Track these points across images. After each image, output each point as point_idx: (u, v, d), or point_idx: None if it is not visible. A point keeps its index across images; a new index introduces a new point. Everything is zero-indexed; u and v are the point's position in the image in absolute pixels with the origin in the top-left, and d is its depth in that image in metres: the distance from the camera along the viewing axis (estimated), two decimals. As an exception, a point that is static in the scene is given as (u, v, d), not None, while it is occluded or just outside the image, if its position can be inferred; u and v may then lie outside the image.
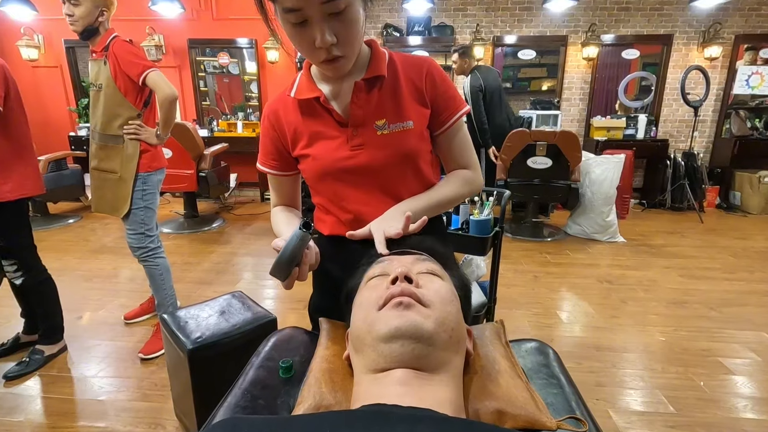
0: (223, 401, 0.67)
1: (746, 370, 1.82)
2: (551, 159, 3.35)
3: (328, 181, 0.84)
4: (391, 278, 0.54)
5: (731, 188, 4.69)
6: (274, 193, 0.96)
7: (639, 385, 1.75)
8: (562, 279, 2.80)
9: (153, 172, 1.89)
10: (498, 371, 0.56)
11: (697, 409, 1.60)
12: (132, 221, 1.88)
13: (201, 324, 1.37)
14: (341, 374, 0.57)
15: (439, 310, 0.51)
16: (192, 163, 3.54)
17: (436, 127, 0.86)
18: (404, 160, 0.82)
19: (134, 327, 2.18)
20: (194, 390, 1.27)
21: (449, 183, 0.88)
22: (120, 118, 1.80)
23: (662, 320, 2.26)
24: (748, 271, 2.93)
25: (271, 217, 0.95)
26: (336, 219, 0.89)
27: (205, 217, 4.17)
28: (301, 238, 0.62)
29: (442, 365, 0.49)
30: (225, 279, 2.79)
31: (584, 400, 0.67)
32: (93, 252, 3.26)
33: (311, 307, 0.97)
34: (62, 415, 1.57)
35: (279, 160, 0.89)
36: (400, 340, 0.47)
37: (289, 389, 0.69)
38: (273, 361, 0.76)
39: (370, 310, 0.53)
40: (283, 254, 0.62)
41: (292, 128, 0.84)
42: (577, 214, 3.67)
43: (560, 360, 0.78)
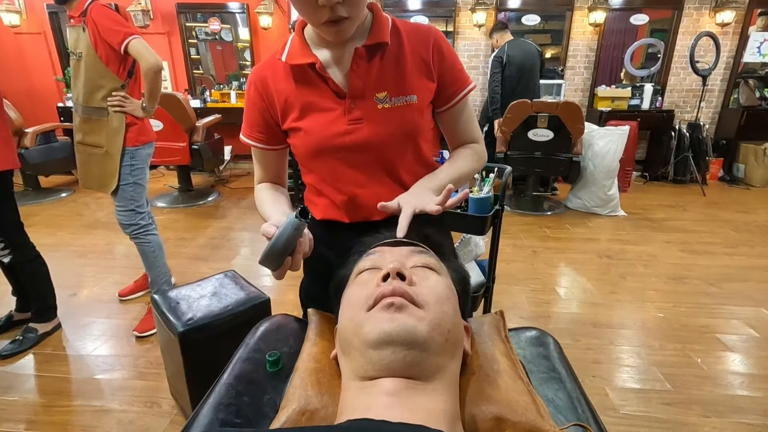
0: (207, 398, 0.63)
1: (744, 347, 1.82)
2: (553, 131, 3.26)
3: (321, 158, 0.77)
4: (382, 274, 0.49)
5: (735, 160, 4.61)
6: (259, 169, 0.88)
7: (636, 362, 1.74)
8: (561, 254, 2.77)
9: (141, 146, 1.82)
10: (497, 371, 0.52)
11: (694, 386, 1.60)
12: (121, 197, 1.82)
13: (192, 305, 1.34)
14: (329, 375, 0.54)
15: (434, 310, 0.47)
16: (184, 135, 3.44)
17: (442, 102, 0.79)
18: (406, 137, 0.76)
19: (129, 304, 2.16)
20: (186, 372, 1.26)
21: (464, 158, 0.82)
22: (103, 89, 1.70)
23: (661, 296, 2.24)
24: (749, 245, 2.90)
25: (255, 195, 0.87)
26: (329, 201, 0.83)
27: (200, 190, 4.10)
28: (296, 227, 0.55)
29: (436, 372, 0.45)
30: (221, 255, 2.76)
31: (587, 397, 0.64)
32: (86, 227, 3.22)
33: (302, 293, 0.93)
34: (57, 394, 1.56)
35: (266, 132, 0.81)
36: (390, 347, 0.43)
37: (276, 384, 0.66)
38: (260, 353, 0.73)
39: (358, 310, 0.48)
40: (275, 243, 0.56)
41: (283, 98, 0.76)
42: (578, 188, 3.61)
43: (562, 351, 0.75)
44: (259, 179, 0.89)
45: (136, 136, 1.78)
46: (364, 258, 0.58)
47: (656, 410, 1.49)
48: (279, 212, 0.75)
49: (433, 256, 0.57)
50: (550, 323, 1.99)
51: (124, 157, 1.77)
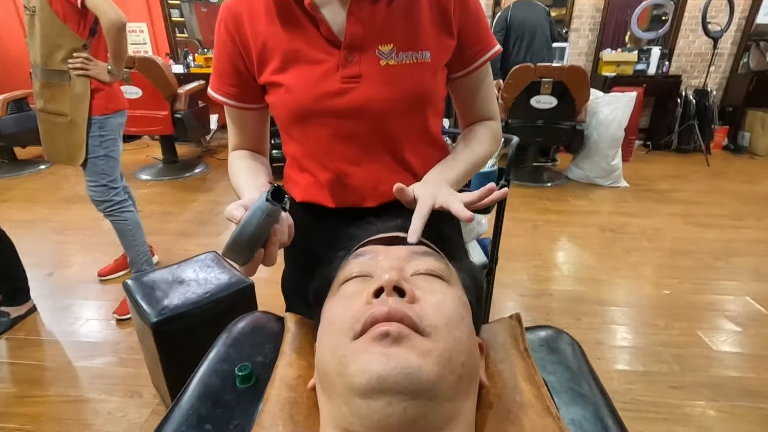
0: (164, 423, 0.52)
1: (753, 326, 1.75)
2: (557, 98, 3.08)
3: (306, 125, 0.63)
4: (374, 288, 0.37)
5: (741, 128, 4.46)
6: (234, 132, 0.72)
7: (642, 342, 1.67)
8: (562, 228, 2.67)
9: (110, 115, 1.64)
10: (521, 405, 0.41)
11: (701, 368, 1.53)
12: (91, 172, 1.67)
13: (168, 292, 1.22)
14: (305, 409, 0.42)
15: (445, 339, 0.35)
16: (165, 103, 3.23)
17: (459, 66, 0.65)
18: (413, 105, 0.62)
19: (110, 284, 2.05)
20: (162, 364, 1.16)
21: (482, 140, 0.68)
22: (62, 49, 1.52)
23: (666, 272, 2.16)
24: (755, 218, 2.81)
25: (228, 164, 0.72)
26: (312, 179, 0.69)
27: (186, 162, 3.92)
28: (268, 212, 0.41)
29: (447, 422, 0.34)
30: (208, 230, 2.63)
31: (620, 418, 0.53)
32: (65, 202, 3.06)
33: (284, 285, 0.81)
34: (31, 383, 1.47)
35: (239, 85, 0.65)
36: (385, 397, 0.31)
37: (248, 407, 0.54)
38: (229, 364, 0.61)
39: (341, 339, 0.36)
40: (241, 232, 0.43)
41: (260, 41, 0.60)
42: (580, 158, 3.47)
43: (585, 357, 0.64)
44: (233, 145, 0.74)
45: (103, 103, 1.61)
46: (351, 260, 0.45)
47: (663, 394, 1.42)
48: (254, 188, 0.61)
49: (440, 259, 0.45)
50: (552, 302, 1.91)
51: (92, 126, 1.60)
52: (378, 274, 0.40)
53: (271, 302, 1.85)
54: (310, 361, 0.49)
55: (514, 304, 1.92)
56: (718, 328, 1.74)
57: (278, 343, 0.62)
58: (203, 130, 3.82)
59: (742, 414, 1.34)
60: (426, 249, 0.45)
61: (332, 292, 0.44)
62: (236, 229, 0.44)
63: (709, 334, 1.70)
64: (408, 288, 0.37)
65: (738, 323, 1.76)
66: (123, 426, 1.30)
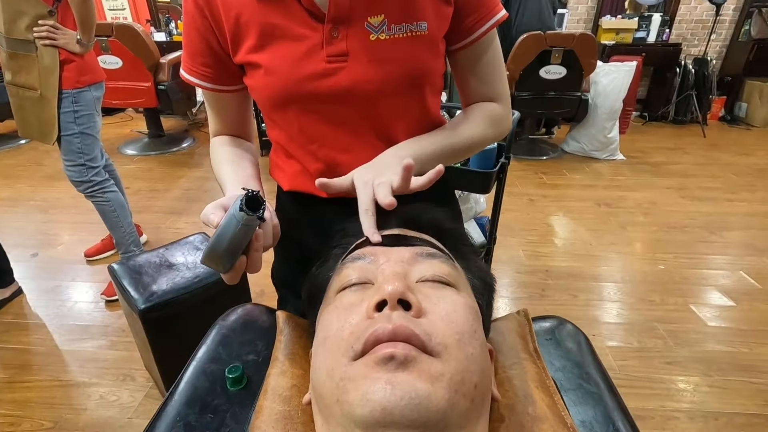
0: (150, 430, 0.49)
1: (747, 300, 1.76)
2: (566, 67, 2.97)
3: (289, 110, 0.56)
4: (375, 302, 0.33)
5: (738, 99, 4.41)
6: (213, 117, 0.65)
7: (637, 318, 1.67)
8: (558, 202, 2.64)
9: (84, 89, 1.54)
10: (534, 418, 0.38)
11: (696, 343, 1.54)
12: (67, 150, 1.58)
13: (156, 277, 1.17)
14: (300, 426, 0.39)
15: (456, 358, 0.31)
16: (147, 74, 3.08)
17: (458, 37, 0.57)
18: (409, 84, 0.55)
19: (97, 265, 1.99)
20: (153, 350, 1.13)
21: (471, 120, 0.60)
22: (26, 16, 1.40)
23: (662, 246, 2.15)
24: (750, 190, 2.80)
25: (210, 153, 0.65)
26: (301, 168, 0.62)
27: (172, 136, 3.79)
28: (244, 223, 0.37)
29: None
30: (197, 208, 2.56)
31: (632, 418, 0.51)
32: (48, 179, 2.95)
33: (274, 278, 0.76)
34: (20, 368, 1.44)
35: (215, 65, 0.58)
36: (390, 431, 0.28)
37: (239, 412, 0.51)
38: (219, 364, 0.57)
39: (338, 359, 0.32)
40: (217, 242, 0.39)
41: (233, 15, 0.52)
42: (576, 130, 3.41)
43: (593, 349, 0.61)
44: (214, 130, 0.66)
45: (75, 75, 1.50)
46: (348, 263, 0.41)
47: (657, 370, 1.43)
48: (238, 182, 0.55)
49: (447, 260, 0.40)
50: (548, 278, 1.90)
51: (64, 102, 1.50)
52: (380, 282, 0.36)
53: (264, 282, 1.83)
54: (304, 368, 0.46)
55: (509, 281, 1.91)
56: (712, 303, 1.75)
57: (270, 340, 0.58)
58: (189, 103, 3.68)
59: (734, 388, 1.35)
60: (431, 250, 0.40)
61: (328, 299, 0.40)
62: (211, 239, 0.39)
63: (703, 310, 1.71)
64: (414, 300, 0.33)
65: (732, 298, 1.77)
66: (116, 410, 1.29)
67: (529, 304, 1.75)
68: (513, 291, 1.86)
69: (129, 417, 1.26)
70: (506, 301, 1.78)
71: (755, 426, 1.23)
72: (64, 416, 1.26)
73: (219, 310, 0.69)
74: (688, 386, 1.37)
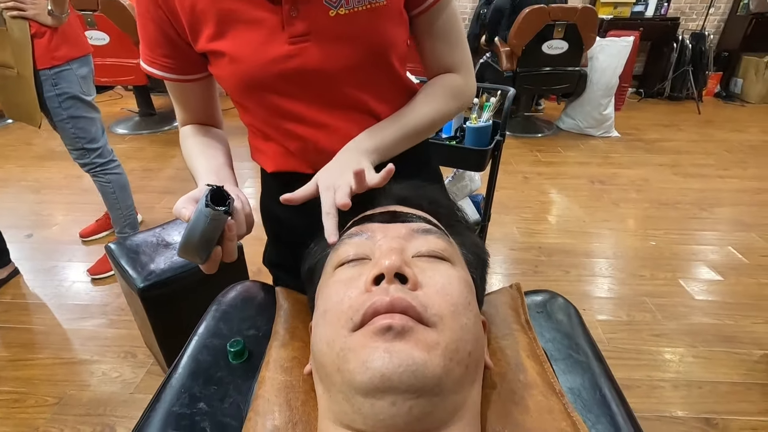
0: (154, 404, 0.51)
1: (733, 275, 1.80)
2: (568, 42, 2.93)
3: (259, 94, 0.56)
4: (374, 275, 0.34)
5: (734, 74, 4.39)
6: (179, 108, 0.64)
7: (627, 292, 1.72)
8: (553, 180, 2.66)
9: (64, 66, 1.42)
10: (525, 385, 0.40)
11: (683, 316, 1.59)
12: (64, 137, 1.54)
13: (153, 256, 1.18)
14: (302, 394, 0.41)
15: (451, 328, 0.33)
16: (135, 50, 3.00)
17: (416, 3, 0.56)
18: (374, 57, 0.54)
19: (93, 245, 2.00)
20: (154, 328, 1.14)
21: (429, 98, 0.60)
22: None
23: (653, 223, 2.19)
24: (742, 167, 2.83)
25: (180, 144, 0.64)
26: (281, 148, 0.62)
27: (164, 114, 3.73)
28: (212, 218, 0.39)
29: (453, 413, 0.32)
30: (191, 187, 2.43)
31: (618, 385, 0.54)
32: (39, 158, 2.91)
33: (266, 260, 0.77)
34: (22, 347, 1.46)
35: (175, 56, 0.56)
36: (389, 396, 0.29)
37: (241, 384, 0.53)
38: (220, 338, 0.59)
39: (338, 330, 0.33)
40: (189, 237, 0.40)
41: (188, 4, 0.51)
42: (572, 107, 3.40)
43: (583, 321, 0.63)
44: (182, 120, 0.65)
45: (49, 51, 1.38)
46: (346, 239, 0.42)
47: (645, 342, 1.48)
48: (208, 170, 0.55)
49: (442, 236, 0.41)
50: (541, 255, 1.93)
51: (44, 85, 1.40)
52: (377, 257, 0.37)
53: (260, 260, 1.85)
54: (304, 341, 0.47)
55: (503, 258, 1.94)
56: (700, 277, 1.80)
57: (270, 315, 0.60)
58: (180, 80, 3.60)
59: (718, 359, 1.41)
60: (426, 226, 0.41)
61: (326, 274, 0.41)
62: (184, 233, 0.40)
63: (691, 284, 1.75)
64: (410, 274, 0.34)
65: (719, 272, 1.81)
66: (119, 386, 1.32)
67: (523, 280, 1.78)
68: (507, 268, 1.89)
69: (131, 392, 1.29)
70: (500, 278, 1.81)
71: (736, 393, 1.29)
72: (67, 392, 1.29)
73: (217, 288, 0.71)
74: (673, 357, 1.42)
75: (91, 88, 1.56)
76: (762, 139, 3.30)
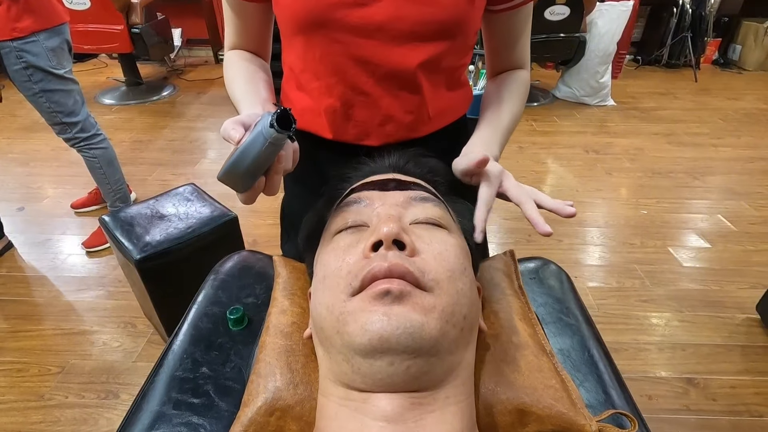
0: (157, 370, 0.52)
1: (721, 242, 1.84)
2: (569, 7, 2.85)
3: (313, 35, 0.53)
4: (372, 242, 0.35)
5: (733, 41, 4.32)
6: (232, 27, 0.61)
7: (617, 260, 1.75)
8: (547, 150, 2.65)
9: (28, 37, 1.31)
10: (517, 346, 0.41)
11: (670, 282, 1.63)
12: (40, 111, 1.47)
13: (148, 228, 1.18)
14: (302, 357, 0.42)
15: (447, 292, 0.33)
16: (118, 15, 2.88)
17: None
18: (444, 31, 0.52)
19: (86, 217, 1.98)
20: (152, 298, 1.16)
21: (515, 96, 0.60)
22: None
23: (646, 191, 2.21)
24: (736, 136, 2.83)
25: (224, 67, 0.61)
26: (311, 103, 0.59)
27: (152, 84, 3.63)
28: (272, 141, 0.35)
29: (448, 373, 0.33)
30: (183, 159, 2.52)
31: (606, 347, 0.56)
32: (24, 130, 2.84)
33: (282, 212, 0.75)
34: (22, 318, 1.47)
35: None
36: (387, 356, 0.30)
37: (242, 349, 0.55)
38: (220, 306, 0.60)
39: (338, 295, 0.34)
40: (240, 159, 0.36)
41: None
42: (568, 75, 3.35)
43: (574, 287, 0.65)
44: (231, 43, 0.62)
45: (9, 22, 1.27)
46: (344, 207, 0.42)
47: (633, 307, 1.53)
48: (253, 100, 0.52)
49: (439, 204, 0.42)
50: (534, 224, 1.95)
51: (7, 57, 1.31)
52: (375, 224, 0.37)
53: (256, 232, 1.86)
54: (303, 307, 0.48)
55: (497, 228, 1.96)
56: (689, 245, 1.83)
57: (269, 284, 0.61)
58: (166, 47, 3.48)
59: (702, 322, 1.46)
60: (424, 194, 0.41)
61: (325, 241, 0.42)
62: (234, 155, 0.37)
63: (679, 251, 1.79)
64: (408, 240, 0.35)
65: (708, 240, 1.85)
66: (120, 354, 1.34)
67: (516, 249, 1.78)
68: (501, 237, 1.91)
69: (133, 361, 1.32)
70: (494, 247, 1.84)
71: (718, 354, 1.34)
72: (70, 362, 1.31)
73: (214, 258, 0.71)
74: (660, 321, 1.47)
75: (63, 60, 1.44)
76: (757, 107, 3.29)
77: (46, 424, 1.14)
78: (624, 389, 0.49)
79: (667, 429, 1.15)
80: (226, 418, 0.46)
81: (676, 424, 1.16)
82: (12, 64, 1.33)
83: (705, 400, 1.22)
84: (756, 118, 3.10)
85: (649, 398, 1.22)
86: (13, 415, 1.17)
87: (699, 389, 1.24)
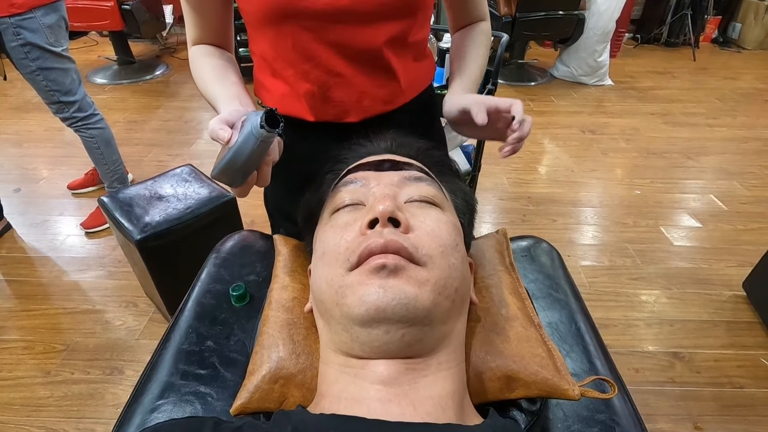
0: (165, 344, 0.54)
1: (712, 221, 1.87)
2: None
3: (283, 25, 0.54)
4: (368, 220, 0.36)
5: (733, 19, 4.27)
6: (192, 21, 0.61)
7: (610, 239, 1.78)
8: (544, 130, 2.65)
9: (26, 14, 1.31)
10: (506, 318, 0.44)
11: (661, 260, 1.67)
12: (37, 89, 1.46)
13: (148, 208, 1.19)
14: (304, 329, 0.44)
15: (440, 267, 0.35)
16: (109, -9, 2.81)
17: None
18: (406, 7, 0.55)
19: (84, 198, 1.99)
20: (153, 278, 1.18)
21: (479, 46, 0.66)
22: None
23: (640, 172, 2.23)
24: (731, 115, 2.84)
25: (190, 62, 0.62)
26: (288, 89, 0.61)
27: (144, 62, 3.57)
28: (263, 140, 0.38)
29: (441, 341, 0.36)
30: (179, 139, 2.50)
31: (593, 322, 0.58)
32: (17, 110, 2.81)
33: (268, 204, 0.79)
34: (24, 298, 1.50)
35: None
36: (383, 325, 0.33)
37: (245, 324, 0.57)
38: (223, 283, 0.63)
39: (337, 270, 0.36)
40: (234, 159, 0.39)
41: None
42: (566, 54, 3.31)
43: (564, 265, 0.68)
44: (193, 38, 0.62)
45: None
46: (341, 186, 0.44)
47: (623, 285, 1.57)
48: (229, 96, 0.53)
49: (433, 183, 0.43)
50: (529, 204, 1.98)
51: (4, 33, 1.30)
52: (371, 202, 0.39)
53: (254, 212, 1.87)
54: (303, 283, 0.50)
55: (492, 208, 1.98)
56: (681, 224, 1.86)
57: (269, 262, 0.63)
58: (158, 25, 3.41)
59: (690, 299, 1.50)
60: (418, 174, 0.43)
61: (323, 220, 0.43)
62: (228, 155, 0.40)
63: (671, 231, 1.82)
64: (403, 218, 0.36)
65: (699, 219, 1.88)
66: (123, 332, 1.37)
67: (511, 228, 1.84)
68: (495, 217, 1.93)
69: (137, 338, 1.35)
70: (488, 227, 1.86)
71: (704, 330, 1.39)
72: (74, 339, 1.34)
73: (214, 237, 0.73)
74: (649, 298, 1.51)
75: (61, 38, 1.44)
76: (754, 87, 3.29)
77: (54, 399, 1.18)
78: (608, 359, 0.52)
79: (652, 400, 1.20)
80: (231, 388, 0.49)
81: (661, 395, 1.21)
82: (9, 41, 1.33)
83: (689, 372, 1.27)
84: (753, 98, 3.10)
85: (636, 371, 1.27)
86: (21, 391, 1.20)
87: (684, 363, 1.29)
